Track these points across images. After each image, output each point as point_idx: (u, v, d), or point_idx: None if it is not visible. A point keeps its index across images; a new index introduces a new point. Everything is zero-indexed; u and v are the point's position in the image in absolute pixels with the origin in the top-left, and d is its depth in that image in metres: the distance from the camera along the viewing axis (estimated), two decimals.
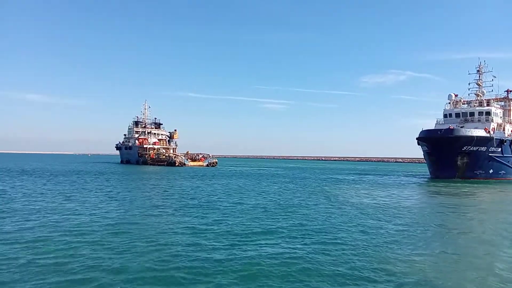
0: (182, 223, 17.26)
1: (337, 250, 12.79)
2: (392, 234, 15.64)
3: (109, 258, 11.39)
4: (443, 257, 12.31)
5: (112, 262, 11.06)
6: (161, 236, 14.55)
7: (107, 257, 11.49)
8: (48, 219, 17.68)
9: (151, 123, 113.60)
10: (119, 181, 43.31)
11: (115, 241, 13.66)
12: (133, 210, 20.96)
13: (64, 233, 14.69)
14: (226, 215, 19.79)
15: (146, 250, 12.42)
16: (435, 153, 54.82)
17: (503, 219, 20.85)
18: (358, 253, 12.40)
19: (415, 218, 19.99)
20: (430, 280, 9.92)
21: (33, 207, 21.17)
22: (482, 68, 64.13)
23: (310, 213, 21.01)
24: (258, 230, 16.13)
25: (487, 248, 13.85)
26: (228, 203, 25.05)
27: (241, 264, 11.13)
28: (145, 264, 10.96)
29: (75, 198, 25.78)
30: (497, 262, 11.86)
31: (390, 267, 10.93)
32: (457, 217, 21.11)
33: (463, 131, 52.46)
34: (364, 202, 26.69)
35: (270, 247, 13.09)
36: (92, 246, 12.77)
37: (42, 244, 12.93)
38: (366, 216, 20.20)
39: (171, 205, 23.52)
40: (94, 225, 16.44)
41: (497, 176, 54.94)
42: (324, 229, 16.49)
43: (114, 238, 14.03)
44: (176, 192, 31.76)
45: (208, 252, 12.24)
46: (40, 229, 15.35)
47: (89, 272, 10.08)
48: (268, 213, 20.70)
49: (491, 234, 16.41)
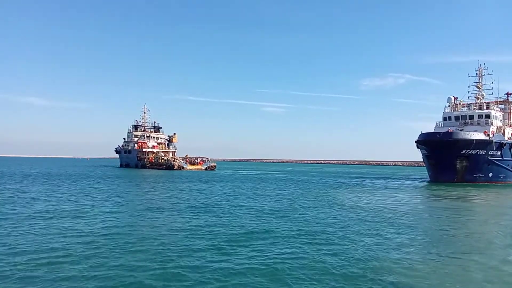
0: (169, 228, 16.83)
1: (335, 253, 12.78)
2: (390, 238, 15.37)
3: (100, 262, 11.29)
4: (441, 262, 12.06)
5: (108, 263, 11.10)
6: (151, 239, 14.43)
7: (97, 262, 11.37)
8: (46, 223, 17.43)
9: (150, 126, 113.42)
10: (112, 184, 42.92)
11: (104, 244, 13.56)
12: (123, 214, 20.56)
13: (55, 235, 14.69)
14: (211, 220, 19.32)
15: (139, 252, 12.40)
16: (434, 157, 54.23)
17: (503, 222, 20.46)
18: (349, 257, 12.30)
19: (412, 222, 19.69)
20: (429, 284, 9.78)
21: (29, 212, 20.78)
22: (482, 71, 63.48)
23: (308, 216, 20.71)
24: (248, 231, 15.92)
25: (486, 252, 13.55)
26: (219, 207, 24.58)
27: (241, 266, 11.05)
28: (141, 264, 10.98)
29: (69, 202, 25.41)
30: (496, 266, 11.64)
31: (388, 271, 10.81)
32: (456, 221, 20.66)
33: (462, 134, 51.88)
34: (362, 206, 26.38)
35: (265, 249, 12.86)
36: (84, 248, 12.64)
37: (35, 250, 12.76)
38: (363, 220, 19.91)
39: (162, 208, 23.10)
40: (83, 228, 16.33)
41: (496, 179, 54.24)
42: (323, 232, 16.42)
43: (103, 241, 13.96)
44: (167, 196, 31.32)
45: (199, 256, 12.09)
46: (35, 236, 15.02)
47: (86, 274, 10.10)
48: (261, 217, 20.25)
49: (491, 238, 16.13)
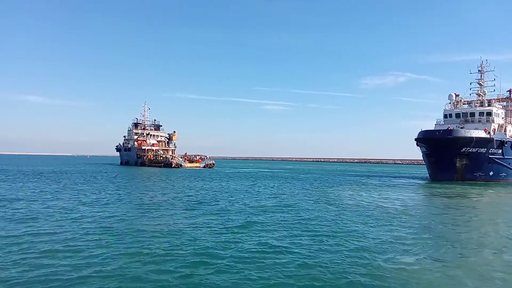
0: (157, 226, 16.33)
1: (333, 250, 12.80)
2: (389, 236, 15.14)
3: (98, 259, 11.29)
4: (441, 261, 11.81)
5: (103, 261, 11.09)
6: (141, 238, 14.21)
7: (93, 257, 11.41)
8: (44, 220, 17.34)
9: (150, 124, 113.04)
10: (107, 181, 42.56)
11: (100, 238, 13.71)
12: (107, 209, 20.08)
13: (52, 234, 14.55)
14: (196, 216, 18.81)
15: (133, 249, 12.40)
16: (433, 155, 53.32)
17: (503, 222, 19.97)
18: (348, 255, 12.24)
19: (411, 221, 19.26)
20: (429, 284, 9.70)
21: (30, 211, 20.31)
22: (484, 68, 62.43)
23: (307, 213, 20.68)
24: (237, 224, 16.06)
25: (486, 251, 13.28)
26: (207, 204, 24.00)
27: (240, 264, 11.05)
28: (137, 265, 10.92)
29: (64, 198, 24.96)
30: (497, 266, 11.43)
31: (387, 269, 10.70)
32: (456, 220, 20.18)
33: (462, 132, 50.88)
34: (361, 204, 26.11)
35: (262, 249, 12.80)
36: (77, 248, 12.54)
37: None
38: (362, 218, 19.75)
39: (151, 205, 22.66)
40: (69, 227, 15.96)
41: (497, 178, 53.19)
42: (321, 228, 16.48)
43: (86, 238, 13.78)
44: (160, 193, 30.83)
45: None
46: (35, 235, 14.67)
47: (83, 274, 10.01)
48: (255, 215, 19.79)
49: (491, 238, 15.72)
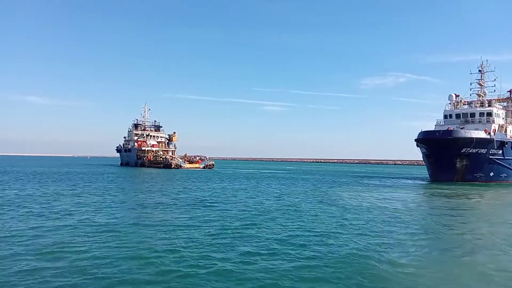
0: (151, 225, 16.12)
1: (332, 250, 12.75)
2: (388, 237, 15.05)
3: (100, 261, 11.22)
4: (441, 261, 11.78)
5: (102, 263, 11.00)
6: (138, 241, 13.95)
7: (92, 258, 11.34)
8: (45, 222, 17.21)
9: (150, 125, 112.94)
10: (107, 182, 42.38)
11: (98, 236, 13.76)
12: (105, 211, 19.91)
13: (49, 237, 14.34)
14: (193, 216, 18.61)
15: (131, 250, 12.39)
16: (433, 155, 53.04)
17: (503, 222, 19.85)
18: (347, 254, 12.15)
19: (411, 222, 19.12)
20: (429, 283, 9.62)
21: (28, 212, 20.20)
22: (484, 68, 62.14)
23: (308, 214, 20.76)
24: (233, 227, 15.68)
25: (486, 251, 13.17)
26: (201, 206, 23.82)
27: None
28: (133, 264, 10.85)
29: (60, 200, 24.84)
30: (497, 267, 11.29)
31: (386, 270, 10.63)
32: (456, 220, 20.09)
33: (462, 133, 50.57)
34: (361, 204, 25.97)
35: (260, 249, 12.69)
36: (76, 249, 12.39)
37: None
38: (362, 218, 19.68)
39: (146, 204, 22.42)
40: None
41: (498, 179, 52.85)
42: (322, 229, 16.45)
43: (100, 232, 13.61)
44: (157, 194, 30.62)
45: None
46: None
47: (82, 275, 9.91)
48: (254, 215, 19.70)
49: (491, 238, 15.57)
